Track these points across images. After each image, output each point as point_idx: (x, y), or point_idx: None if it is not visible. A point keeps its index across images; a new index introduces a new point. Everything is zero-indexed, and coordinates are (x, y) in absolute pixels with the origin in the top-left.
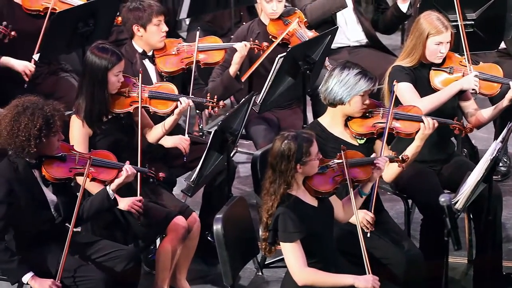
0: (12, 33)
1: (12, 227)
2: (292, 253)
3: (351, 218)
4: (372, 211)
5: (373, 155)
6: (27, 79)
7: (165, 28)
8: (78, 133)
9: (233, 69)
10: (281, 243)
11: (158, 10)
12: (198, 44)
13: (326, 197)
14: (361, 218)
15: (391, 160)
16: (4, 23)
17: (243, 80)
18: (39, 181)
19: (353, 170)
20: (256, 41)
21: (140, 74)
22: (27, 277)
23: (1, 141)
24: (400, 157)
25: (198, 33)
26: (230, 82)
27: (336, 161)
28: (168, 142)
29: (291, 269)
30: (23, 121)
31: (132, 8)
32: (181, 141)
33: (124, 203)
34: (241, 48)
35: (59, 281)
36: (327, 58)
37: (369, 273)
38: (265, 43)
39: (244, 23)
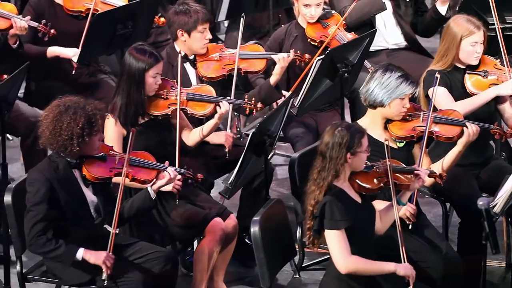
0: (52, 31)
1: (52, 227)
2: (337, 240)
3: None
4: (414, 203)
5: (414, 166)
6: (75, 66)
7: (209, 35)
8: (112, 132)
9: (273, 79)
10: (326, 231)
11: (204, 17)
12: (240, 52)
13: (369, 194)
14: (403, 209)
15: (430, 175)
16: (43, 21)
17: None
18: (79, 181)
19: (396, 175)
20: (298, 52)
21: (179, 71)
22: (80, 254)
23: (42, 141)
24: (438, 173)
25: (242, 19)
26: (269, 91)
27: (381, 162)
28: (215, 139)
29: (335, 256)
30: (66, 120)
31: (179, 11)
32: (227, 138)
33: (167, 186)
34: (282, 59)
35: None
36: (366, 60)
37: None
38: (307, 55)
39: (282, 25)
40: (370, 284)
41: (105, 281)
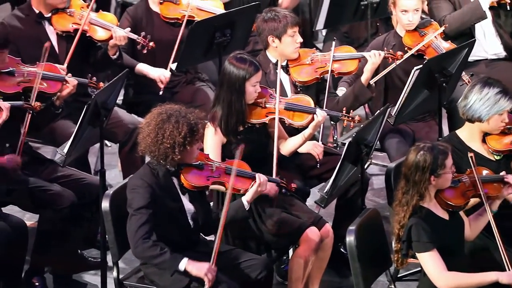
0: (151, 43)
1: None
2: (430, 261)
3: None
4: None
5: (502, 173)
6: (161, 86)
7: (299, 39)
8: (211, 140)
9: (364, 77)
10: (417, 254)
11: (292, 21)
12: (334, 53)
13: (457, 210)
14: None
15: None
16: (143, 33)
17: (371, 82)
18: (178, 188)
19: (484, 186)
20: (391, 50)
21: (277, 85)
22: (183, 264)
23: (142, 148)
24: None
25: (334, 43)
26: (361, 90)
27: (468, 175)
28: (302, 148)
29: (432, 277)
30: (168, 129)
31: (267, 18)
32: (314, 148)
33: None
34: (373, 55)
35: (214, 266)
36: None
37: (509, 270)
38: (399, 52)
39: (380, 34)
40: None
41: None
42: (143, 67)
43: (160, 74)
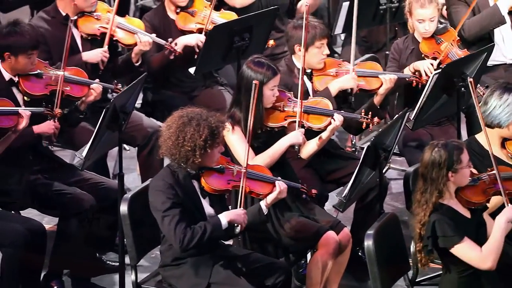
0: (178, 49)
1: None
2: (466, 250)
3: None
4: None
5: None
6: (197, 50)
7: (326, 51)
8: (233, 137)
9: (377, 99)
10: (450, 249)
11: (321, 33)
12: (357, 69)
13: (478, 208)
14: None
15: None
16: (170, 39)
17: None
18: (198, 191)
19: (505, 183)
20: (417, 73)
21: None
22: (224, 221)
23: (163, 151)
24: None
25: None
26: (374, 111)
27: (488, 173)
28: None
29: (475, 263)
30: (189, 132)
31: (297, 26)
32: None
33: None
34: (388, 81)
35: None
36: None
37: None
38: (424, 78)
39: (399, 38)
40: None
41: (238, 231)
42: (181, 41)
43: (197, 40)
